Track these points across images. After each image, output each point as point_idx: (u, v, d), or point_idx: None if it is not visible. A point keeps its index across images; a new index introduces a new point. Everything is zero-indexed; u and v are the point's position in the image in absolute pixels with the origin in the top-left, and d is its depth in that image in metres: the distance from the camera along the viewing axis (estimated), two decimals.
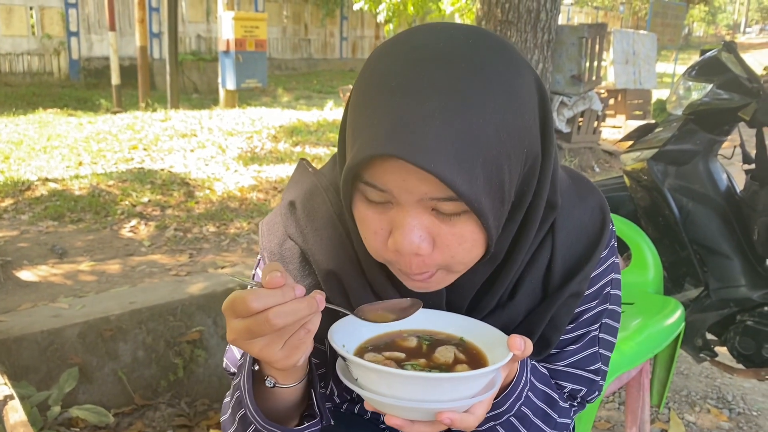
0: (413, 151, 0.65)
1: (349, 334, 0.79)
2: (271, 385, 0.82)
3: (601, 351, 0.99)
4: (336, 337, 0.76)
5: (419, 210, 0.71)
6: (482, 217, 0.70)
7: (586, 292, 0.93)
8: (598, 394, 1.02)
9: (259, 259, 0.98)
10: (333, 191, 0.91)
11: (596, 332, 0.97)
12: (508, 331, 0.88)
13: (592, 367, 0.98)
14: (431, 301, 0.85)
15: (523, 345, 0.75)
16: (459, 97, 0.67)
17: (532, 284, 0.88)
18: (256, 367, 0.83)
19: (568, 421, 0.97)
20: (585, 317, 0.95)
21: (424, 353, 0.79)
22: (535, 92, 0.75)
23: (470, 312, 0.87)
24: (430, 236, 0.73)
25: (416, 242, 0.71)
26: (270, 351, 0.72)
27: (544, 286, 0.89)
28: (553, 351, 0.96)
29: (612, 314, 0.99)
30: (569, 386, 0.98)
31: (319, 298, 0.72)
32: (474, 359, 0.78)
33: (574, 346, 0.96)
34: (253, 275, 1.00)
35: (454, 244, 0.73)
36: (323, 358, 0.95)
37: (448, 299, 0.87)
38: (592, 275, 0.93)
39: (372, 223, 0.75)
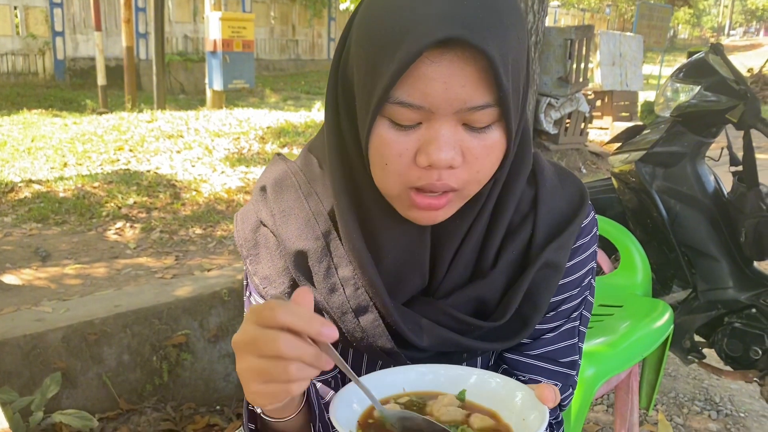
0: (472, 33, 0.66)
1: (348, 408, 0.72)
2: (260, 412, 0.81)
3: (579, 344, 0.97)
4: (340, 420, 0.68)
5: (452, 123, 0.72)
6: (509, 122, 0.73)
7: (568, 280, 0.92)
8: (572, 393, 0.99)
9: (246, 262, 0.96)
10: (302, 175, 0.91)
11: (576, 323, 0.96)
12: (487, 308, 0.87)
13: (567, 360, 0.95)
14: (416, 254, 0.85)
15: (553, 395, 0.72)
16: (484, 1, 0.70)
17: (513, 255, 0.88)
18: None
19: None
20: (565, 307, 0.93)
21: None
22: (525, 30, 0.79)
23: (452, 270, 0.86)
24: (461, 150, 0.74)
25: (451, 154, 0.72)
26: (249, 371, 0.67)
27: (524, 262, 0.88)
28: (528, 340, 0.94)
29: (588, 305, 0.98)
30: (544, 381, 0.95)
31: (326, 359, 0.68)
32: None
33: (551, 335, 0.94)
34: (246, 284, 0.98)
35: (482, 156, 0.75)
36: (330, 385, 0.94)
37: (433, 253, 0.86)
38: (574, 262, 0.92)
39: (396, 145, 0.74)
